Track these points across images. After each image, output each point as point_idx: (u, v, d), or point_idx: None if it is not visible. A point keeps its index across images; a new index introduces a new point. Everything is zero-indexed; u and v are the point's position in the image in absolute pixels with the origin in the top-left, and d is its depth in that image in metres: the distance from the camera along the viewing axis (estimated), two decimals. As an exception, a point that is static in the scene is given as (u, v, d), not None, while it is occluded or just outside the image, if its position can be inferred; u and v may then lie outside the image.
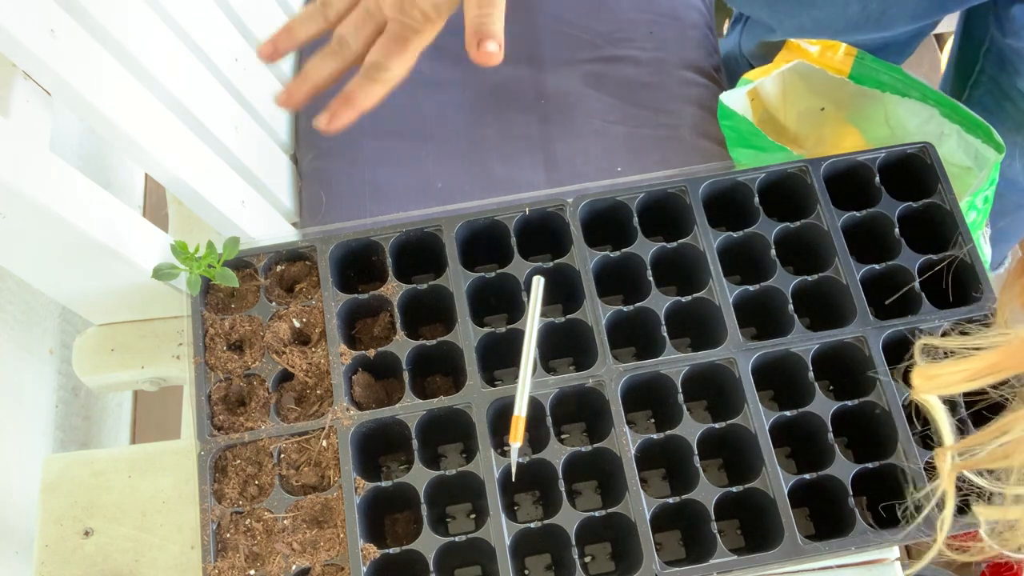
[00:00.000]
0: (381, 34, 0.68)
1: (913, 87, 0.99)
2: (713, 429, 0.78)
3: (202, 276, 0.82)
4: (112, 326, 0.96)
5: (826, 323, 0.83)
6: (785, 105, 1.09)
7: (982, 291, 0.83)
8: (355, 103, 0.67)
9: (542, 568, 0.84)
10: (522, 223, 0.87)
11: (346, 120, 0.67)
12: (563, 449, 0.78)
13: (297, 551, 0.75)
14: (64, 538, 0.85)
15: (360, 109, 0.67)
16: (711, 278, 0.84)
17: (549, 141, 1.11)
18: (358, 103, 0.67)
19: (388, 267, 0.85)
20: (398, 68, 0.67)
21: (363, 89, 0.67)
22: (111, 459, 0.88)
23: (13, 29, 0.65)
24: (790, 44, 1.04)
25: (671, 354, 0.81)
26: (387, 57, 0.67)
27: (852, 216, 0.87)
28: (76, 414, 1.17)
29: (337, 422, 0.79)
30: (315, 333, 0.83)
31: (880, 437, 0.80)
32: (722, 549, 0.74)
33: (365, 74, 0.67)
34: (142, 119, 0.80)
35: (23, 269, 0.83)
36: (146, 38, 0.82)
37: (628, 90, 1.14)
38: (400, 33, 0.67)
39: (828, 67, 1.03)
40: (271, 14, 1.17)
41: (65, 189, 0.75)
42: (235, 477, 0.78)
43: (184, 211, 1.03)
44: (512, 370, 0.80)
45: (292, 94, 0.69)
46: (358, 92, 0.67)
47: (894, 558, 0.83)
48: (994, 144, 0.94)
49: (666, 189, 0.87)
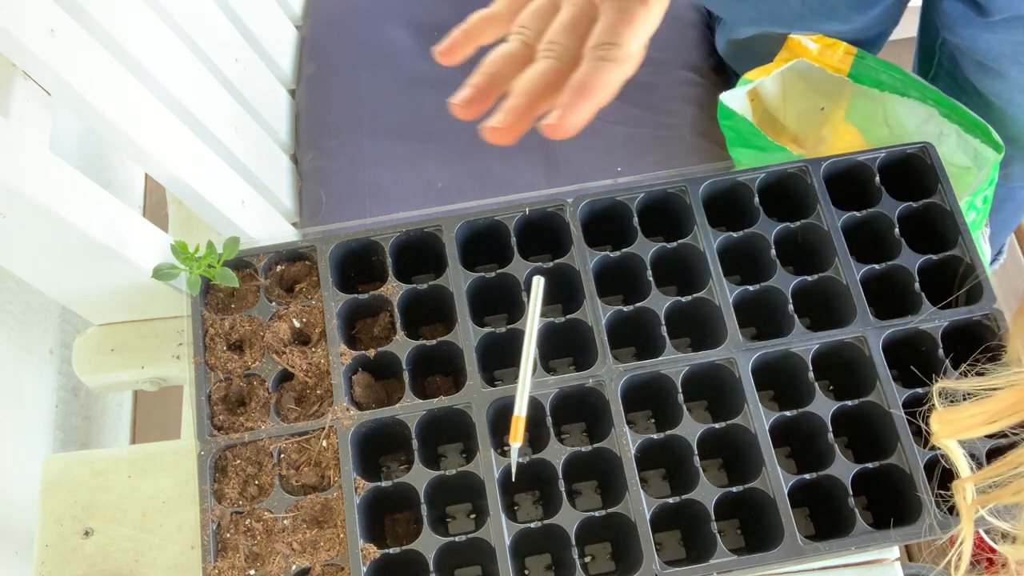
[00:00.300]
0: (582, 19, 0.57)
1: (912, 86, 0.99)
2: (713, 429, 0.78)
3: (202, 276, 0.82)
4: (112, 326, 0.96)
5: (826, 323, 0.83)
6: (785, 105, 1.09)
7: (982, 291, 0.83)
8: (592, 91, 0.55)
9: (542, 568, 0.84)
10: (522, 223, 0.87)
11: (584, 115, 0.54)
12: (563, 449, 0.78)
13: (297, 551, 0.75)
14: (64, 538, 0.85)
15: (600, 98, 0.55)
16: (711, 278, 0.84)
17: (549, 141, 1.11)
18: (595, 91, 0.55)
19: (388, 267, 0.85)
20: (633, 43, 0.55)
21: (597, 74, 0.55)
22: (111, 459, 0.88)
23: (13, 29, 0.65)
24: (790, 42, 1.04)
25: (671, 354, 0.81)
26: (617, 34, 0.55)
27: (852, 216, 0.87)
28: (76, 414, 1.17)
29: (337, 422, 0.79)
30: (315, 333, 0.83)
31: (880, 437, 0.80)
32: (722, 549, 0.74)
33: (595, 57, 0.55)
34: (142, 119, 0.80)
35: (23, 269, 0.83)
36: (146, 38, 0.82)
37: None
38: (627, 7, 0.56)
39: (827, 65, 1.03)
40: (271, 14, 1.17)
41: (65, 189, 0.75)
42: (235, 477, 0.78)
43: (184, 211, 1.03)
44: (512, 370, 0.80)
45: (477, 102, 0.57)
46: (593, 79, 0.55)
47: (894, 558, 0.83)
48: (993, 144, 0.94)
49: (666, 189, 0.87)
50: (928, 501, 0.75)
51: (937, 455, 0.77)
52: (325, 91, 1.16)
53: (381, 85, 1.14)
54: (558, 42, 0.56)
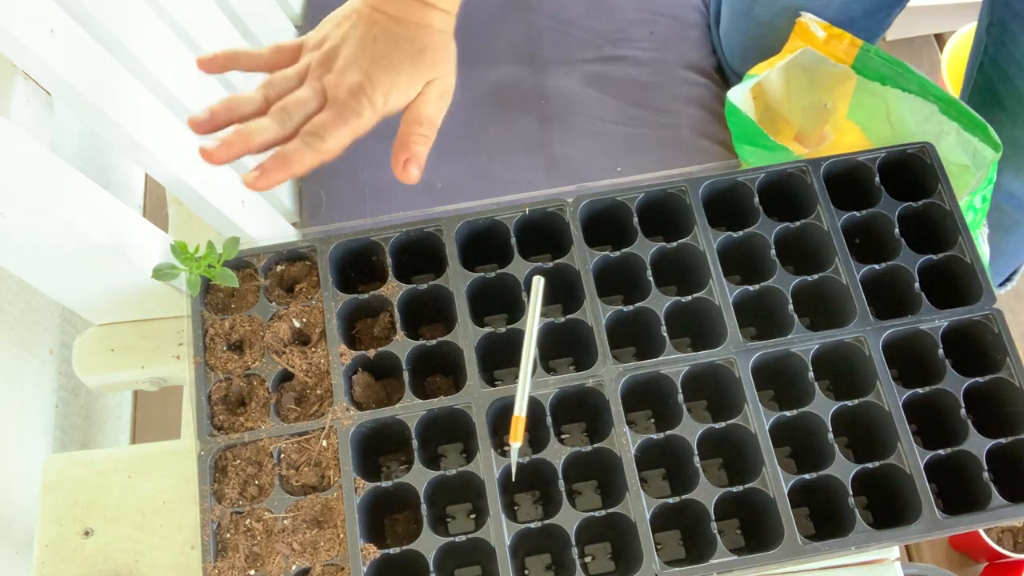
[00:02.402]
0: (321, 111, 0.69)
1: (914, 81, 1.00)
2: (713, 429, 0.78)
3: (202, 276, 0.82)
4: (112, 326, 0.96)
5: (826, 323, 0.84)
6: (789, 100, 1.09)
7: (982, 291, 0.83)
8: (289, 167, 0.68)
9: (542, 568, 0.84)
10: (522, 223, 0.87)
11: (276, 181, 0.67)
12: (563, 449, 0.78)
13: (297, 551, 0.75)
14: (64, 538, 0.85)
15: (292, 173, 0.68)
16: (711, 278, 0.84)
17: (549, 141, 1.11)
18: (292, 167, 0.68)
19: (388, 267, 0.85)
20: (334, 143, 0.68)
21: (299, 155, 0.68)
22: (111, 459, 0.89)
23: (13, 29, 0.65)
24: (798, 28, 1.04)
25: (671, 354, 0.81)
26: (326, 130, 0.68)
27: (852, 216, 0.87)
28: (76, 414, 1.17)
29: (337, 422, 0.79)
30: (315, 333, 0.83)
31: (880, 437, 0.80)
32: (722, 549, 0.74)
33: (303, 141, 0.68)
34: (142, 119, 0.80)
35: (23, 269, 0.83)
36: (146, 38, 0.82)
37: (628, 90, 1.14)
38: (343, 113, 0.69)
39: (832, 56, 1.03)
40: (271, 14, 1.17)
41: (65, 189, 0.75)
42: (235, 477, 0.78)
43: (184, 211, 1.03)
44: (512, 370, 0.80)
45: (227, 150, 0.67)
46: (294, 157, 0.68)
47: (894, 558, 0.83)
48: (991, 143, 0.94)
49: (666, 189, 0.87)
50: (928, 501, 0.75)
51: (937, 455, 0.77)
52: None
53: (381, 85, 1.14)
54: (286, 111, 0.68)
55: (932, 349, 0.82)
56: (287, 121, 0.69)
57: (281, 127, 0.69)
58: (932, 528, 0.75)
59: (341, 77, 0.69)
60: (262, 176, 0.67)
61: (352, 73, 0.69)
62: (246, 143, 0.68)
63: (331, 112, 0.69)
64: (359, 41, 0.69)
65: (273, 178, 0.67)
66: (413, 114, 0.71)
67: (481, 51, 1.17)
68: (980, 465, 0.77)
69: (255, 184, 0.67)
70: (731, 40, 1.17)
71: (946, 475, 0.79)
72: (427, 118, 0.71)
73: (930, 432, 0.83)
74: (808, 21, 1.03)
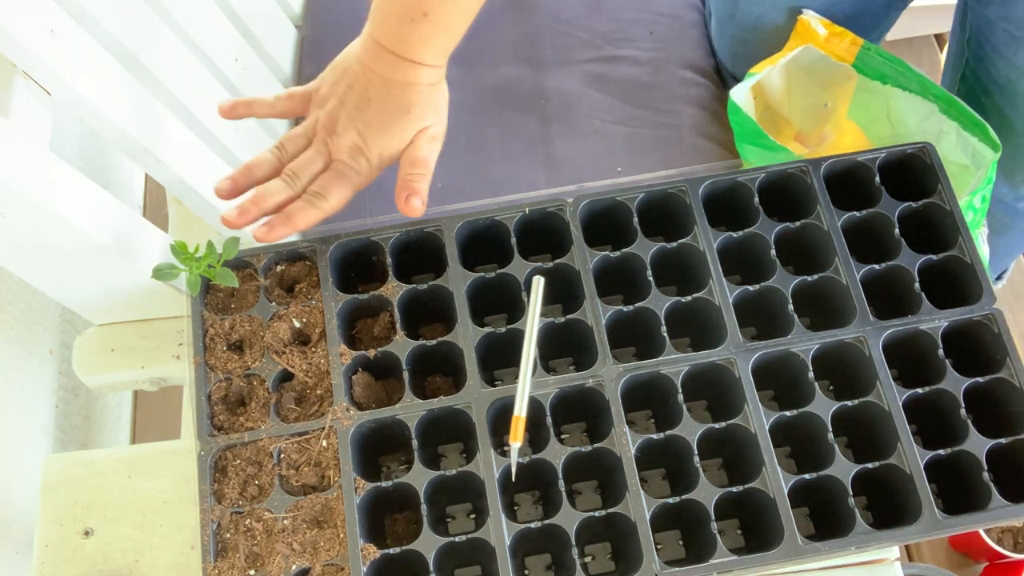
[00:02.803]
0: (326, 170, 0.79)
1: (914, 80, 1.00)
2: (713, 429, 0.78)
3: (202, 276, 0.82)
4: (112, 326, 0.96)
5: (826, 323, 0.83)
6: (789, 99, 1.09)
7: (982, 291, 0.83)
8: (293, 223, 0.76)
9: (542, 568, 0.84)
10: (522, 223, 0.87)
11: (281, 235, 0.76)
12: (563, 449, 0.78)
13: (297, 551, 0.75)
14: (64, 538, 0.85)
15: (295, 228, 0.77)
16: (711, 278, 0.84)
17: (549, 141, 1.11)
18: (296, 223, 0.77)
19: (388, 267, 0.85)
20: (335, 200, 0.77)
21: (303, 212, 0.77)
22: (111, 459, 0.89)
23: (13, 29, 0.65)
24: (800, 27, 1.04)
25: (671, 354, 0.81)
26: (328, 190, 0.77)
27: (852, 216, 0.87)
28: (76, 414, 1.17)
29: (337, 422, 0.79)
30: (315, 333, 0.83)
31: (880, 437, 0.80)
32: (722, 549, 0.74)
33: (307, 200, 0.77)
34: (142, 119, 0.80)
35: (23, 269, 0.83)
36: (146, 38, 0.82)
37: (628, 90, 1.14)
38: (344, 173, 0.78)
39: (833, 54, 1.03)
40: (271, 14, 1.17)
41: (65, 189, 0.75)
42: (235, 477, 0.78)
43: (184, 211, 1.04)
44: (512, 370, 0.80)
45: (244, 216, 0.76)
46: (298, 214, 0.77)
47: (894, 558, 0.83)
48: (991, 143, 0.94)
49: (666, 189, 0.87)
50: (928, 501, 0.75)
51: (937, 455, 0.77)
52: None
53: (381, 85, 1.14)
54: (296, 175, 0.78)
55: (932, 349, 0.82)
56: (295, 182, 0.78)
57: (290, 188, 0.78)
58: (932, 528, 0.75)
59: (341, 140, 0.78)
60: (270, 232, 0.76)
61: (349, 136, 0.78)
62: (261, 208, 0.77)
63: (333, 173, 0.78)
64: (355, 105, 0.78)
65: (278, 233, 0.76)
66: (408, 158, 0.79)
67: (481, 51, 1.17)
68: (980, 465, 0.77)
69: (264, 238, 0.76)
70: (721, 44, 1.18)
71: (946, 475, 0.79)
72: (421, 160, 0.78)
73: (930, 432, 0.83)
74: (810, 19, 1.03)
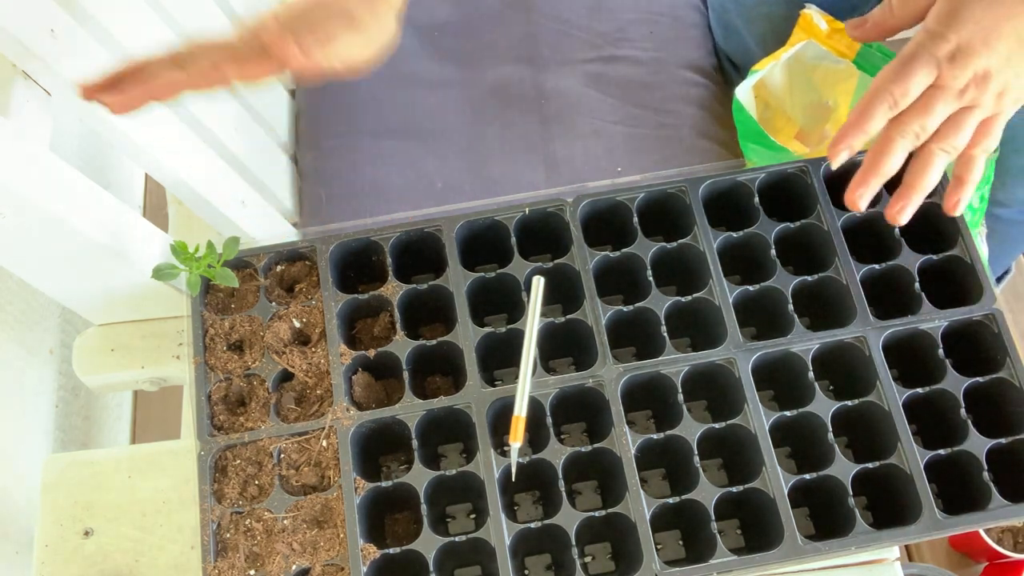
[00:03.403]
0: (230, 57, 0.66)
1: None
2: (713, 429, 0.78)
3: (202, 276, 0.82)
4: (112, 326, 0.96)
5: (826, 323, 0.83)
6: (791, 97, 1.09)
7: (982, 291, 0.83)
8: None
9: (542, 568, 0.84)
10: (522, 223, 0.87)
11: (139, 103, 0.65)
12: (563, 449, 0.78)
13: (297, 551, 0.75)
14: (64, 538, 0.85)
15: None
16: (711, 278, 0.84)
17: (549, 141, 1.11)
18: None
19: (388, 267, 0.85)
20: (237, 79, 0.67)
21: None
22: (111, 459, 0.89)
23: (13, 29, 0.65)
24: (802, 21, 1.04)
25: (671, 354, 0.81)
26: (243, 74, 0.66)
27: (852, 216, 0.87)
28: (76, 414, 1.17)
29: (337, 422, 0.79)
30: (315, 333, 0.83)
31: (880, 437, 0.80)
32: (722, 549, 0.74)
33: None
34: (142, 119, 0.80)
35: (23, 269, 0.83)
36: (146, 38, 0.82)
37: (628, 90, 1.14)
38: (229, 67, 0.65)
39: (835, 50, 1.03)
40: (271, 14, 1.17)
41: (65, 189, 0.75)
42: (235, 477, 0.78)
43: (184, 211, 1.03)
44: (512, 370, 0.80)
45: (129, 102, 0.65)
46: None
47: (894, 558, 0.83)
48: (990, 142, 0.94)
49: (666, 189, 0.87)
50: (928, 501, 0.75)
51: (937, 455, 0.77)
52: (325, 91, 1.16)
53: (381, 85, 1.14)
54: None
55: (932, 349, 0.82)
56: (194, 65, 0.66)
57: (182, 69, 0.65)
58: (932, 528, 0.75)
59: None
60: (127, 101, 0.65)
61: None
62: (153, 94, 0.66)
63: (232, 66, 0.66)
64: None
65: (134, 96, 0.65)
66: None
67: (481, 51, 1.17)
68: (980, 465, 0.77)
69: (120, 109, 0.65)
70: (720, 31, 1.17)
71: (946, 475, 0.79)
72: None
73: (930, 432, 0.83)
74: (812, 13, 1.03)
